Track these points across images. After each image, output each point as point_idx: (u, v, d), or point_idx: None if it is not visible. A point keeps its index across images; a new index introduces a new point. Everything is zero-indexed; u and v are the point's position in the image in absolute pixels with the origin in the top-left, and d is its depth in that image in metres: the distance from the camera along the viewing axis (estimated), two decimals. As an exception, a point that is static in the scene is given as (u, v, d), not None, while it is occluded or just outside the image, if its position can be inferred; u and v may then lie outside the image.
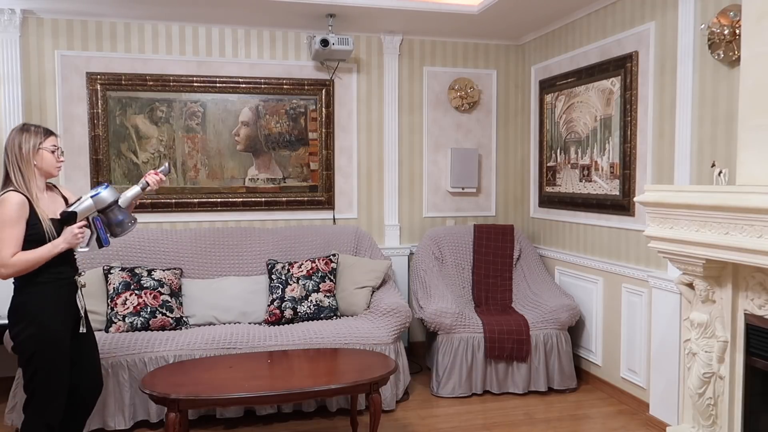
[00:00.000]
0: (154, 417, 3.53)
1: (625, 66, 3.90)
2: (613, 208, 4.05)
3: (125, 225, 2.73)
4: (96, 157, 4.42)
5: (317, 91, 4.81)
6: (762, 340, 2.73)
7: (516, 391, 4.12)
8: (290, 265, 4.26)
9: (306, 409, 3.77)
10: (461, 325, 4.09)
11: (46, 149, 2.62)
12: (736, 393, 2.83)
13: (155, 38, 4.53)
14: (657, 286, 3.56)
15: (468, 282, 4.73)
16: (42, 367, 2.58)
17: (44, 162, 2.62)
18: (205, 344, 3.62)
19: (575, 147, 4.48)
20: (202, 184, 4.64)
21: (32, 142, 2.60)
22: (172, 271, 4.10)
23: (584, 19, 4.34)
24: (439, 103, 5.09)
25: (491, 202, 5.28)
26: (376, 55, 4.94)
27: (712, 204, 2.60)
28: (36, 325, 2.56)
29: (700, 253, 2.72)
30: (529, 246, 4.87)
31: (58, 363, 2.62)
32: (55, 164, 2.68)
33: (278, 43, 4.76)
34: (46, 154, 2.63)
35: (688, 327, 3.00)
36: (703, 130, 3.33)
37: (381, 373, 3.11)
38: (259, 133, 4.72)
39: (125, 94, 4.47)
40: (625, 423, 3.73)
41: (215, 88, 4.61)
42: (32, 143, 2.59)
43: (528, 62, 5.14)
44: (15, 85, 4.21)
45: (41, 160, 2.61)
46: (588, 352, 4.38)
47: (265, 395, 2.93)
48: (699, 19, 3.31)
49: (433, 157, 5.10)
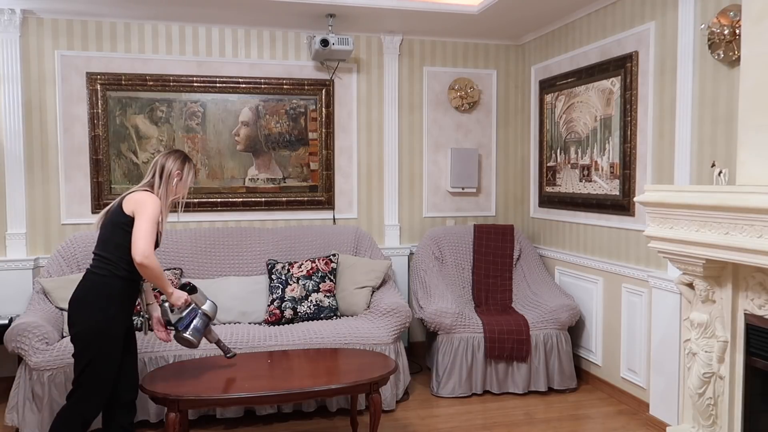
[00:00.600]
0: (154, 417, 3.53)
1: (625, 66, 3.90)
2: (613, 208, 4.05)
3: (192, 339, 2.98)
4: (96, 157, 4.42)
5: (317, 91, 4.81)
6: (762, 340, 2.73)
7: (516, 391, 4.12)
8: (290, 265, 4.26)
9: (306, 409, 3.77)
10: (461, 325, 4.09)
11: (184, 180, 2.97)
12: (736, 393, 2.83)
13: (155, 38, 4.53)
14: (657, 286, 3.56)
15: (468, 282, 4.73)
16: (96, 357, 2.72)
17: (178, 187, 2.95)
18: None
19: (575, 147, 4.48)
20: (202, 184, 4.64)
21: (186, 171, 2.97)
22: (172, 271, 4.10)
23: (584, 19, 4.34)
24: (439, 103, 5.09)
25: (491, 202, 5.28)
26: (376, 55, 4.94)
27: (712, 204, 2.60)
28: (102, 313, 2.72)
29: (700, 253, 2.72)
30: (529, 246, 4.87)
31: (112, 356, 2.77)
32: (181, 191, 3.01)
33: (278, 43, 4.76)
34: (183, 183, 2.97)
35: (688, 327, 3.00)
36: (703, 130, 3.33)
37: (381, 373, 3.11)
38: (259, 133, 4.72)
39: (125, 94, 4.47)
40: (625, 423, 3.73)
41: (215, 88, 4.61)
42: (185, 172, 2.97)
43: (528, 62, 5.14)
44: (15, 85, 4.22)
45: (178, 185, 2.95)
46: (588, 352, 4.38)
47: (265, 395, 2.93)
48: (699, 19, 3.31)
49: (433, 157, 5.10)
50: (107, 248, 2.79)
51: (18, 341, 3.34)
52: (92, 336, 2.71)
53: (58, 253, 4.08)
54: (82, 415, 2.78)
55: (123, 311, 2.82)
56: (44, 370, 3.34)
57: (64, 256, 4.06)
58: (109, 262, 2.76)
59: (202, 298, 3.05)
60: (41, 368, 3.34)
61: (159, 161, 2.94)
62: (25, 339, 3.35)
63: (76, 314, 2.74)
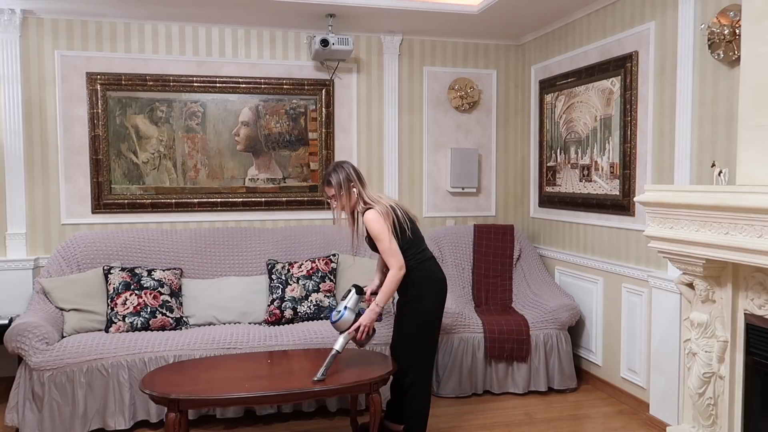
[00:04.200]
0: (154, 417, 3.53)
1: (625, 66, 3.90)
2: (613, 208, 4.05)
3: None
4: (96, 157, 4.42)
5: (317, 91, 4.81)
6: (762, 340, 2.73)
7: (516, 391, 4.12)
8: (290, 265, 4.26)
9: (306, 409, 3.77)
10: (461, 325, 4.09)
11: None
12: (736, 393, 2.83)
13: (155, 38, 4.53)
14: (657, 286, 3.56)
15: (468, 282, 4.73)
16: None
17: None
18: (205, 344, 3.62)
19: (575, 147, 4.48)
20: (202, 184, 4.64)
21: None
22: (172, 271, 4.10)
23: (584, 19, 4.34)
24: (439, 103, 5.09)
25: (491, 202, 5.28)
26: (376, 55, 4.94)
27: (712, 204, 2.60)
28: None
29: (700, 253, 2.72)
30: (529, 246, 4.87)
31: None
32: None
33: (278, 43, 4.76)
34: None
35: (688, 327, 3.00)
36: (703, 130, 3.33)
37: (381, 373, 3.10)
38: (259, 133, 4.72)
39: (125, 94, 4.47)
40: (625, 423, 3.73)
41: (215, 88, 4.61)
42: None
43: (528, 62, 5.14)
44: (15, 85, 4.22)
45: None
46: (588, 352, 4.38)
47: (265, 395, 2.92)
48: (699, 19, 3.31)
49: (433, 157, 5.10)
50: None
51: (18, 341, 3.34)
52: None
53: (58, 253, 4.08)
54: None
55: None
56: (44, 370, 3.34)
57: (64, 256, 4.06)
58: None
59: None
60: (41, 368, 3.34)
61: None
62: (25, 339, 3.35)
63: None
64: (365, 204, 3.11)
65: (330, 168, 3.21)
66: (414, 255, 3.11)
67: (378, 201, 3.10)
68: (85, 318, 3.78)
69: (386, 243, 3.01)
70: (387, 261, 3.04)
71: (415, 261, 3.10)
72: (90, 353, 3.44)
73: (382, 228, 3.01)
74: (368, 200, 3.11)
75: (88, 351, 3.45)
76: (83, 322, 3.77)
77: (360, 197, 3.12)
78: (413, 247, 3.12)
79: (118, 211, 4.49)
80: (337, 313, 3.11)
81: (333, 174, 3.14)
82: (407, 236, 3.09)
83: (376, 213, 3.03)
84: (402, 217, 3.09)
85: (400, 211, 3.11)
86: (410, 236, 3.10)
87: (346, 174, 3.12)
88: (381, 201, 3.10)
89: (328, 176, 3.17)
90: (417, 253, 3.13)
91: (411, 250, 3.10)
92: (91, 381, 3.42)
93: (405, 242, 3.08)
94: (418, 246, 3.15)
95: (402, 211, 3.13)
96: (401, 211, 3.11)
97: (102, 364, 3.43)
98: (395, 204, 3.15)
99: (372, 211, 3.05)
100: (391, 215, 3.05)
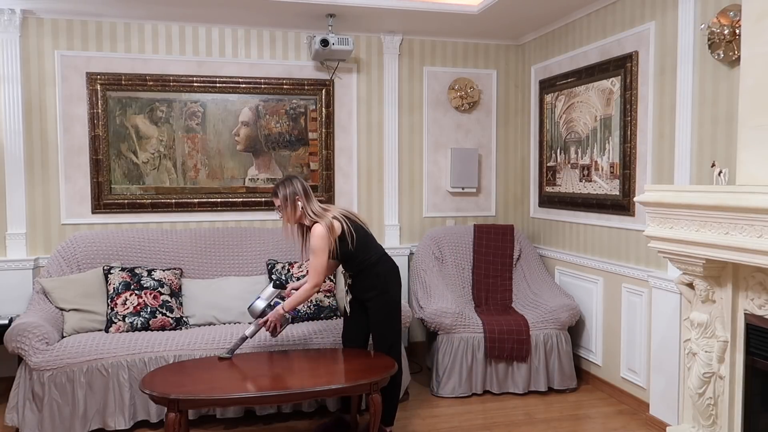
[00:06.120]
0: (154, 417, 3.53)
1: (625, 66, 3.90)
2: (613, 208, 4.05)
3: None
4: (96, 157, 4.42)
5: (317, 91, 4.81)
6: (762, 340, 2.73)
7: (516, 391, 4.12)
8: (290, 265, 4.26)
9: (306, 409, 3.77)
10: (461, 325, 4.09)
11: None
12: (736, 393, 2.83)
13: (155, 38, 4.53)
14: (657, 286, 3.56)
15: (468, 282, 4.73)
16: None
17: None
18: (205, 344, 3.61)
19: (575, 147, 4.48)
20: (202, 184, 4.64)
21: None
22: (172, 271, 4.10)
23: (584, 19, 4.35)
24: (439, 103, 5.09)
25: (491, 202, 5.28)
26: (376, 55, 4.94)
27: (712, 204, 2.60)
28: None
29: (700, 253, 2.72)
30: (529, 246, 4.87)
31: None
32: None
33: (278, 43, 4.76)
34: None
35: (688, 327, 3.00)
36: (703, 130, 3.33)
37: (381, 373, 3.10)
38: (259, 133, 4.72)
39: (125, 94, 4.47)
40: (625, 423, 3.73)
41: (215, 88, 4.61)
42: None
43: (528, 62, 5.14)
44: (15, 85, 4.22)
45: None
46: (588, 352, 4.38)
47: (265, 395, 2.92)
48: (699, 19, 3.31)
49: (433, 157, 5.10)
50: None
51: (18, 341, 3.34)
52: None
53: (58, 253, 4.08)
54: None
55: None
56: (44, 370, 3.34)
57: (64, 256, 4.06)
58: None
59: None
60: (41, 368, 3.34)
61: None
62: (25, 339, 3.34)
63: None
64: (312, 216, 3.25)
65: (278, 181, 3.37)
66: (365, 260, 3.31)
67: (323, 215, 3.23)
68: (85, 318, 3.78)
69: (317, 259, 3.20)
70: (309, 274, 3.26)
71: (375, 259, 3.34)
72: (90, 353, 3.44)
73: (322, 246, 3.18)
74: (313, 214, 3.24)
75: (88, 351, 3.45)
76: (83, 322, 3.77)
77: (305, 211, 3.26)
78: (364, 252, 3.30)
79: (118, 211, 4.49)
80: (252, 301, 3.43)
81: (280, 187, 3.29)
82: (351, 247, 3.25)
83: (323, 230, 3.18)
84: (347, 229, 3.22)
85: (345, 223, 3.24)
86: (355, 246, 3.25)
87: (293, 188, 3.27)
88: (326, 214, 3.24)
89: (276, 189, 3.32)
90: (369, 256, 3.33)
91: (361, 256, 3.30)
92: (91, 381, 3.42)
93: (357, 250, 3.26)
94: (368, 251, 3.33)
95: (350, 221, 3.28)
96: (346, 224, 3.24)
97: (102, 364, 3.43)
98: (341, 215, 3.28)
99: (320, 226, 3.20)
100: (336, 231, 3.20)
